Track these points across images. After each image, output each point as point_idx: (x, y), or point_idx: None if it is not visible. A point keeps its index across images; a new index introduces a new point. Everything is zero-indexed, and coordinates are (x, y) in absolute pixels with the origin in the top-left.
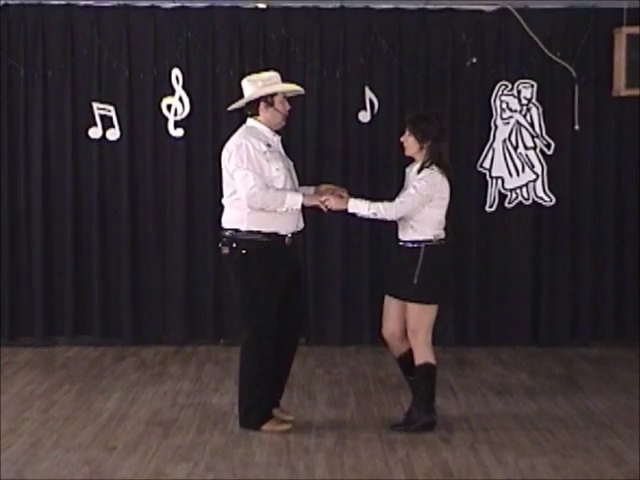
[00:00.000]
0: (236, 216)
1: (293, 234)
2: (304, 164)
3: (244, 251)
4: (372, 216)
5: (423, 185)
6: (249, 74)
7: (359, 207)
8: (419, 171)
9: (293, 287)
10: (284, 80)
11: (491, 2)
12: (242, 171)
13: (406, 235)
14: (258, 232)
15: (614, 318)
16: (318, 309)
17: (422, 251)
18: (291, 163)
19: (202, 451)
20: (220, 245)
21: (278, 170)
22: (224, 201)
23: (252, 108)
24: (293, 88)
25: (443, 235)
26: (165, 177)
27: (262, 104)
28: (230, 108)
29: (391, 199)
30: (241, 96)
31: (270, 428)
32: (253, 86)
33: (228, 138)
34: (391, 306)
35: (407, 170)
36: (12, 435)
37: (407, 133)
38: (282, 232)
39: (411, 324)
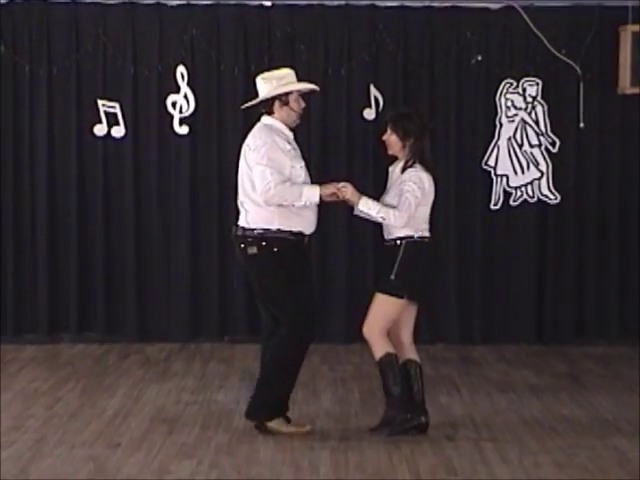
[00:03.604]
0: (265, 216)
1: (310, 235)
2: (309, 161)
3: (276, 249)
4: (379, 220)
5: (413, 187)
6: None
7: (370, 207)
8: (402, 171)
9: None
10: (299, 78)
11: (496, 0)
12: (260, 167)
13: (389, 234)
14: (288, 231)
15: (619, 317)
16: (323, 307)
17: (402, 247)
18: (304, 162)
19: (206, 448)
20: (244, 246)
21: (302, 168)
22: (243, 199)
23: (267, 106)
24: (307, 86)
25: (427, 233)
26: (170, 174)
27: (277, 103)
28: (244, 106)
29: None
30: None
31: (275, 426)
32: (268, 85)
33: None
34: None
35: (390, 169)
36: (16, 432)
37: (389, 132)
38: (306, 232)
39: (373, 315)
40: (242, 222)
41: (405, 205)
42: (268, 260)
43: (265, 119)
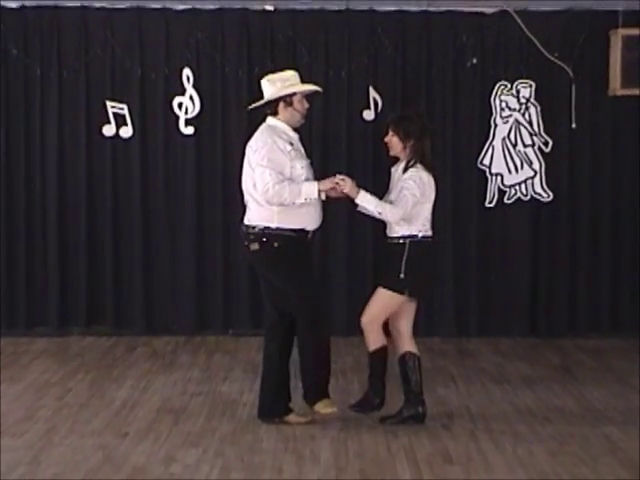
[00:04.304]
0: (265, 214)
1: (314, 231)
2: (310, 161)
3: (276, 244)
4: (376, 214)
5: (412, 185)
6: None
7: (368, 201)
8: (404, 171)
9: None
10: (302, 80)
11: (491, 4)
12: (261, 168)
13: (392, 232)
14: (288, 229)
15: (610, 310)
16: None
17: (407, 246)
18: (309, 160)
19: (211, 437)
20: (247, 243)
21: (302, 168)
22: (247, 198)
23: (271, 107)
24: (311, 88)
25: (430, 232)
26: (176, 173)
27: (281, 104)
28: (250, 107)
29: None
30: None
31: (318, 410)
32: (272, 86)
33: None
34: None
35: (392, 170)
36: (28, 421)
37: (390, 133)
38: (309, 228)
39: (373, 308)
40: (245, 220)
41: (402, 202)
42: (269, 255)
43: (270, 120)
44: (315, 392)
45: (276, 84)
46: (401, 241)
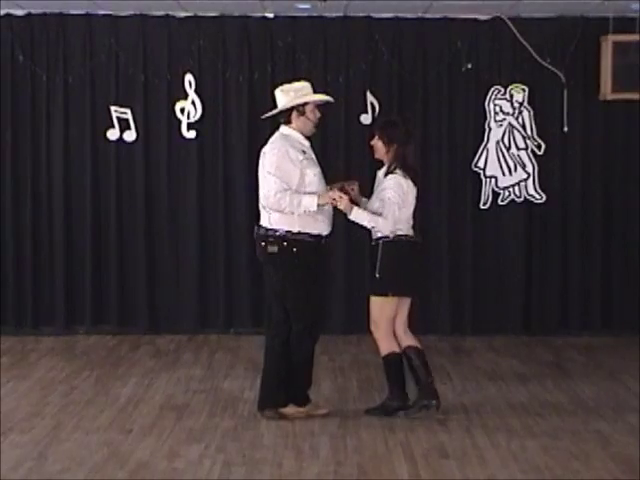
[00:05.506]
0: (287, 219)
1: (327, 236)
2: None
3: (295, 249)
4: (370, 228)
5: (391, 193)
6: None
7: (362, 219)
8: (385, 175)
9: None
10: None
11: (485, 11)
12: (268, 176)
13: (373, 235)
14: (307, 234)
15: (601, 309)
16: (322, 300)
17: (380, 247)
18: (319, 169)
19: (213, 433)
20: (264, 244)
21: (315, 175)
22: (264, 202)
23: (285, 116)
24: (323, 98)
25: (407, 232)
26: (178, 176)
27: (294, 113)
28: (264, 117)
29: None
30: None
31: (285, 411)
32: (286, 96)
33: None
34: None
35: (378, 173)
36: (35, 418)
37: (375, 137)
38: (324, 233)
39: (372, 316)
40: (265, 222)
41: (390, 212)
42: (287, 259)
43: (283, 129)
44: (290, 394)
45: (289, 94)
46: (376, 243)
